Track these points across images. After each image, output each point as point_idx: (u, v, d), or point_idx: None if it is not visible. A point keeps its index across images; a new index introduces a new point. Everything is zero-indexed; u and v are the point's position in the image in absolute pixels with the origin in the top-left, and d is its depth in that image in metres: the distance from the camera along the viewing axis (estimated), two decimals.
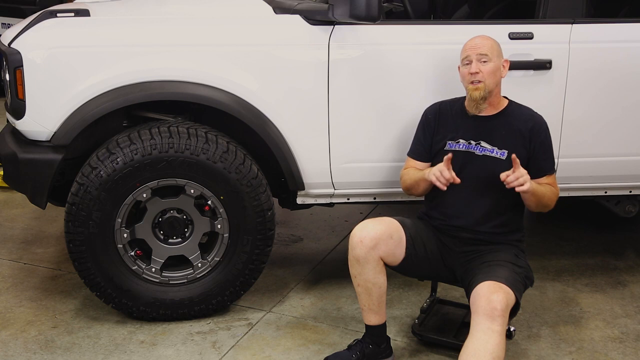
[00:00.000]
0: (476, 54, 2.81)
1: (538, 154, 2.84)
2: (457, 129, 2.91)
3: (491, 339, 2.45)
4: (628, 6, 3.84)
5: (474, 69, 2.80)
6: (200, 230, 3.16)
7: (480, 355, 2.43)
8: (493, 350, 2.44)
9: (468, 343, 2.50)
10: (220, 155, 3.02)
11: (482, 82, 2.79)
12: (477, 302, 2.53)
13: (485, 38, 2.87)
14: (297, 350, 3.04)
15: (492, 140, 2.85)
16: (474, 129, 2.88)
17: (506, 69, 2.90)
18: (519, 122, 2.86)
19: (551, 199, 2.84)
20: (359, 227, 2.78)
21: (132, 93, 2.98)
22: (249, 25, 3.15)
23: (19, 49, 2.97)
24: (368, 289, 2.80)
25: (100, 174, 2.96)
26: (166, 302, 3.17)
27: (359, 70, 3.13)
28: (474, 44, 2.85)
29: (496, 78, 2.83)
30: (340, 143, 3.18)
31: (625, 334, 3.23)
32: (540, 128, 2.86)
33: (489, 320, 2.47)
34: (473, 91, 2.81)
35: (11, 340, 3.07)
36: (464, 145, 2.87)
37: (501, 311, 2.48)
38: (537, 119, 2.88)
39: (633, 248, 4.15)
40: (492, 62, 2.81)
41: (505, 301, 2.51)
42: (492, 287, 2.55)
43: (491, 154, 2.83)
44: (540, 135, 2.85)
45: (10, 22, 6.89)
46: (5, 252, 3.94)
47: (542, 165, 2.85)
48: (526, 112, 2.90)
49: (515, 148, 2.80)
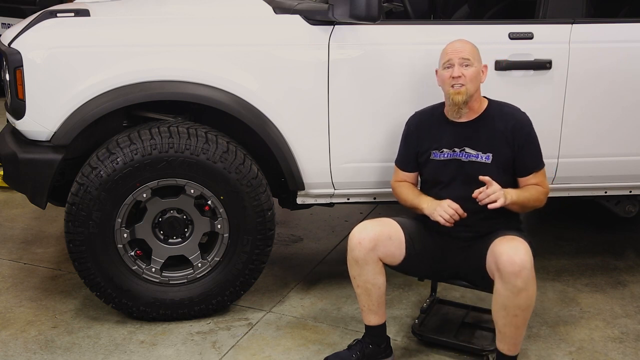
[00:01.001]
0: (459, 57, 2.79)
1: (522, 152, 2.82)
2: (439, 138, 2.89)
3: (518, 297, 2.55)
4: (628, 6, 3.84)
5: (457, 73, 2.77)
6: (200, 230, 3.16)
7: (511, 311, 2.58)
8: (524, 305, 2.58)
9: (497, 299, 2.60)
10: (220, 155, 3.02)
11: (464, 86, 2.77)
12: (498, 261, 2.57)
13: (465, 42, 2.86)
14: (297, 350, 3.04)
15: (476, 145, 2.83)
16: (456, 135, 2.86)
17: (485, 74, 2.88)
18: (500, 122, 2.83)
19: (538, 200, 2.83)
20: (358, 228, 2.78)
21: (132, 93, 2.98)
22: (249, 25, 3.15)
23: (19, 49, 2.97)
24: (367, 290, 2.80)
25: (100, 174, 2.96)
26: (166, 302, 3.17)
27: (359, 70, 3.13)
28: (456, 47, 2.82)
29: (477, 83, 2.81)
30: (340, 143, 3.18)
31: (625, 334, 3.23)
32: (521, 125, 2.83)
33: (513, 277, 2.53)
34: (455, 95, 2.78)
35: (11, 340, 3.08)
36: (449, 153, 2.86)
37: (522, 265, 2.52)
38: (517, 116, 2.85)
39: (633, 248, 4.15)
40: (474, 66, 2.79)
41: (525, 250, 2.56)
42: (510, 242, 2.60)
43: (477, 160, 2.82)
44: (522, 132, 2.82)
45: (10, 22, 6.89)
46: (5, 252, 3.94)
47: (527, 163, 2.83)
48: (507, 111, 2.88)
49: (499, 149, 2.81)
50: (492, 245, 2.66)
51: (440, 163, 2.88)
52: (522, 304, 2.58)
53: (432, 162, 2.90)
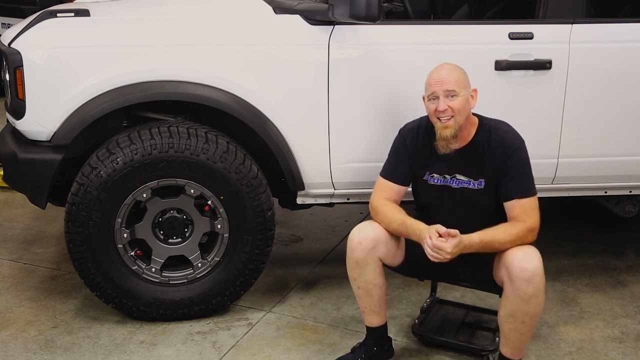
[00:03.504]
0: (443, 90, 2.64)
1: (506, 175, 2.66)
2: (429, 165, 2.79)
3: (527, 304, 2.54)
4: (628, 6, 3.84)
5: (442, 107, 2.63)
6: (200, 230, 3.16)
7: (519, 317, 2.56)
8: (532, 312, 2.56)
9: (505, 305, 2.58)
10: (220, 155, 3.02)
11: (453, 118, 2.64)
12: (509, 267, 2.54)
13: (450, 70, 2.68)
14: (297, 350, 3.04)
15: (467, 172, 2.73)
16: (446, 162, 2.75)
17: (475, 98, 2.73)
18: (490, 147, 2.70)
19: (508, 242, 2.57)
20: (357, 229, 2.77)
21: (132, 93, 2.98)
22: (249, 25, 3.16)
23: (19, 49, 2.97)
24: (369, 291, 2.79)
25: (100, 174, 2.96)
26: (166, 302, 3.17)
27: (359, 70, 3.13)
28: (440, 78, 2.66)
29: (466, 111, 2.67)
30: (340, 143, 3.18)
31: (625, 334, 3.23)
32: (511, 151, 2.66)
33: (525, 284, 2.51)
34: (443, 130, 2.65)
35: (11, 340, 3.08)
36: (439, 179, 2.78)
37: (534, 272, 2.51)
38: (507, 141, 2.68)
39: (633, 248, 4.14)
40: (461, 95, 2.64)
41: (536, 257, 2.54)
42: (522, 248, 2.56)
43: (469, 186, 2.74)
44: (509, 157, 2.66)
45: (10, 22, 6.89)
46: (5, 252, 3.94)
47: (509, 188, 2.66)
48: (496, 134, 2.70)
49: (490, 175, 2.71)
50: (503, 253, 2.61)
51: (431, 187, 2.80)
52: (530, 311, 2.56)
53: (424, 183, 2.81)
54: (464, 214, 2.75)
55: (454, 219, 2.68)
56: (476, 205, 2.75)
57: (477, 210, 2.75)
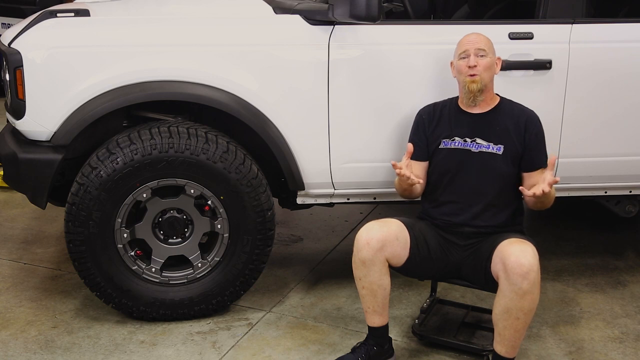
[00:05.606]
0: (474, 48, 2.88)
1: (531, 147, 2.88)
2: (451, 128, 2.95)
3: (522, 299, 2.57)
4: (628, 6, 3.85)
5: (473, 62, 2.85)
6: (200, 230, 3.16)
7: (513, 313, 2.59)
8: (527, 308, 2.59)
9: (500, 301, 2.61)
10: (220, 155, 3.02)
11: (479, 75, 2.86)
12: (506, 262, 2.58)
13: (480, 35, 2.94)
14: (297, 350, 3.04)
15: (488, 136, 2.89)
16: (469, 126, 2.92)
17: (499, 66, 2.96)
18: (512, 117, 2.92)
19: (553, 198, 2.85)
20: (365, 229, 2.77)
21: (132, 93, 2.98)
22: (249, 25, 3.15)
23: (19, 49, 2.97)
24: (373, 291, 2.79)
25: (100, 174, 2.96)
26: (166, 302, 3.17)
27: (359, 70, 3.13)
28: (472, 39, 2.92)
29: (491, 73, 2.90)
30: (340, 143, 3.18)
31: (625, 334, 3.23)
32: (532, 122, 2.91)
33: (520, 279, 2.54)
34: (470, 83, 2.86)
35: (11, 340, 3.08)
36: (460, 143, 2.91)
37: (530, 267, 2.54)
38: (528, 113, 2.94)
39: (633, 248, 4.15)
40: (489, 57, 2.89)
41: (533, 253, 2.59)
42: (518, 244, 2.62)
43: (487, 150, 2.87)
44: (533, 129, 2.90)
45: (10, 22, 6.90)
46: (5, 252, 3.94)
47: (535, 159, 2.88)
48: (517, 107, 2.96)
49: (511, 142, 2.87)
50: (499, 246, 2.67)
51: (449, 152, 2.91)
52: (525, 307, 2.58)
53: (441, 151, 2.93)
54: (477, 181, 2.85)
55: (468, 186, 2.86)
56: (492, 171, 2.86)
57: (491, 177, 2.85)
